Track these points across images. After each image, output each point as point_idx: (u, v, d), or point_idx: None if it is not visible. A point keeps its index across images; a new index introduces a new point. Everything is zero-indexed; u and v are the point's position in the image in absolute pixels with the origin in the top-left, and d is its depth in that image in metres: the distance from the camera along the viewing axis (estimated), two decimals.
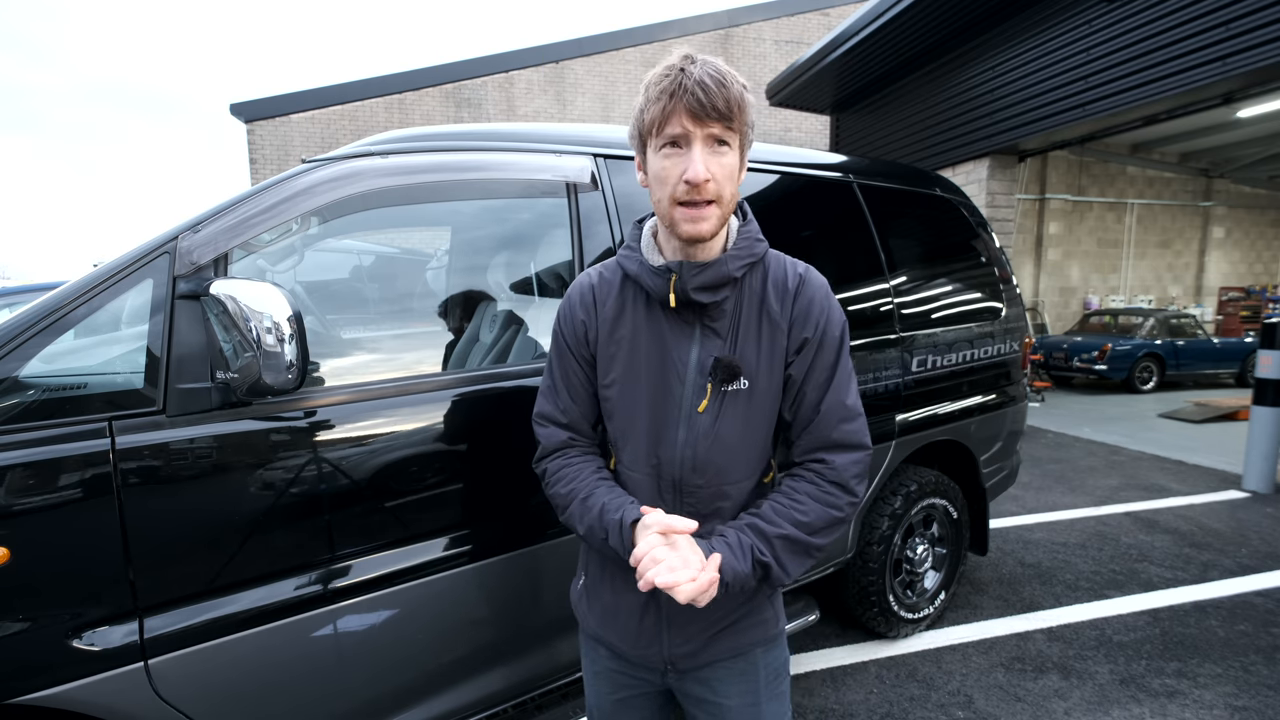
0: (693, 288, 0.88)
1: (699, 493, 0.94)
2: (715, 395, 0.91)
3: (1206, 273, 12.23)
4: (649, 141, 0.87)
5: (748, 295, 0.93)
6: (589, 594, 1.07)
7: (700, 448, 0.92)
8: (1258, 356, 4.53)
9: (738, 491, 0.95)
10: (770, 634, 1.03)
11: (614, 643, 1.03)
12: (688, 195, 0.83)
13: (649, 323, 0.94)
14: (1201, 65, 4.55)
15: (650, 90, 0.84)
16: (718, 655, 0.99)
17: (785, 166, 2.08)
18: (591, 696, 1.12)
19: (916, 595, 2.56)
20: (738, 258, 0.90)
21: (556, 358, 1.02)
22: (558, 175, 1.60)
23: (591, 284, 1.00)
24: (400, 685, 1.36)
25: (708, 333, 0.92)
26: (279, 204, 1.27)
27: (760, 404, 0.93)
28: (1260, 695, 2.18)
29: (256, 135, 11.19)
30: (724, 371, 0.90)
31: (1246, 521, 3.88)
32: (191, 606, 1.14)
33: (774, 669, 1.04)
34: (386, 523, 1.32)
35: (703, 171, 0.81)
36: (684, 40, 12.50)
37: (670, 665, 0.99)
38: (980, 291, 2.69)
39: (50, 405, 1.06)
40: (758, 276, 0.94)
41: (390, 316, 1.80)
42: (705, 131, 0.81)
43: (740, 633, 0.99)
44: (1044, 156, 10.01)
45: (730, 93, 0.81)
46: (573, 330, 0.99)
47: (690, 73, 0.80)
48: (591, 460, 1.02)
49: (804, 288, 0.93)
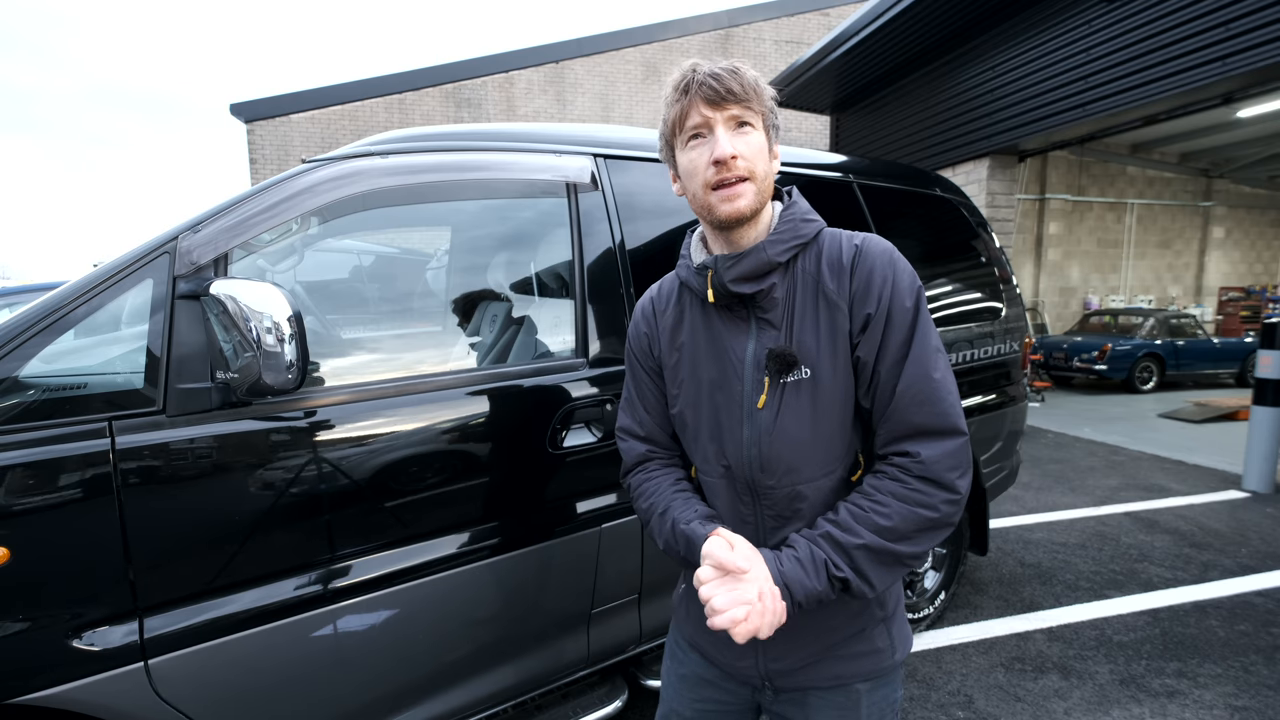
0: (730, 280, 0.86)
1: (772, 494, 0.88)
2: (774, 389, 0.86)
3: (1206, 273, 12.23)
4: (675, 142, 0.87)
5: (801, 279, 0.87)
6: (689, 599, 1.02)
7: (764, 445, 0.86)
8: (1258, 356, 4.52)
9: (814, 491, 0.87)
10: (880, 666, 0.92)
11: (709, 650, 0.98)
12: (718, 175, 0.82)
13: (704, 324, 0.93)
14: (1201, 65, 4.55)
15: (667, 96, 0.86)
16: (815, 681, 0.91)
17: (785, 166, 2.09)
18: (672, 700, 1.05)
19: (916, 595, 2.56)
20: (779, 241, 0.86)
21: (629, 372, 1.05)
22: (558, 175, 1.60)
23: (652, 297, 1.03)
24: (400, 685, 1.36)
25: (763, 325, 0.88)
26: (279, 204, 1.27)
27: (829, 393, 0.85)
28: (1260, 695, 2.18)
29: (256, 135, 11.19)
30: (778, 362, 0.85)
31: (1246, 521, 3.88)
32: (191, 606, 1.14)
33: (880, 710, 0.93)
34: (386, 522, 1.32)
35: (728, 148, 0.81)
36: (684, 40, 12.54)
37: (767, 681, 0.93)
38: (980, 291, 2.69)
39: (50, 405, 1.06)
40: (811, 258, 0.88)
41: (390, 316, 1.79)
42: (725, 114, 0.82)
43: (843, 660, 0.91)
44: (1044, 156, 10.01)
45: (743, 77, 0.82)
46: (638, 343, 1.02)
47: (701, 68, 0.83)
48: (671, 472, 1.01)
49: (861, 259, 0.85)
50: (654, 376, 1.00)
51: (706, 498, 0.95)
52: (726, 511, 0.93)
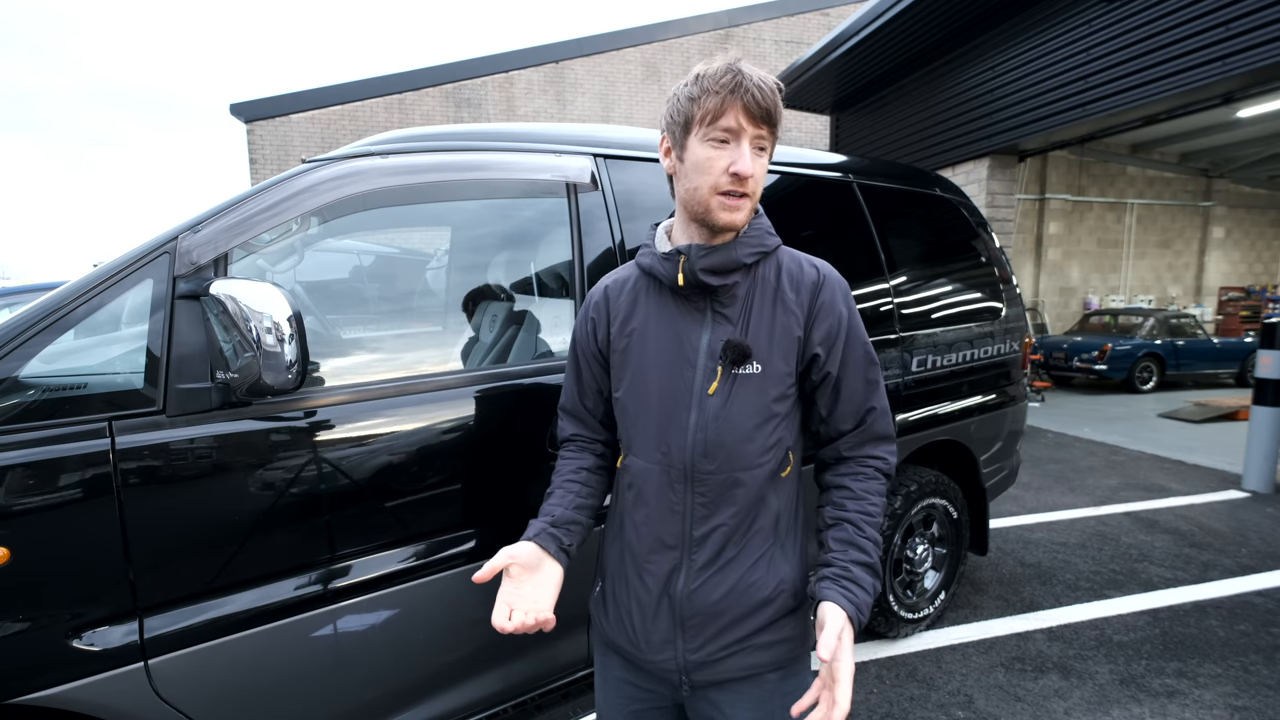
0: (700, 268, 0.91)
1: (710, 479, 0.92)
2: (726, 377, 0.92)
3: (1206, 273, 12.22)
4: (695, 129, 0.88)
5: (760, 283, 0.95)
6: (605, 597, 1.05)
7: (711, 430, 0.91)
8: (1258, 356, 4.52)
9: (751, 479, 0.93)
10: (792, 655, 0.97)
11: (626, 648, 1.00)
12: (731, 186, 0.87)
13: (660, 311, 0.97)
14: (1201, 65, 4.55)
15: (707, 82, 0.86)
16: (730, 673, 0.94)
17: (785, 166, 2.09)
18: (603, 707, 1.08)
19: (916, 595, 2.56)
20: (747, 245, 0.93)
21: (571, 357, 1.09)
22: (558, 175, 1.60)
23: (605, 285, 1.06)
24: (400, 685, 1.36)
25: (719, 318, 0.94)
26: (279, 204, 1.27)
27: (773, 390, 0.93)
28: (1260, 695, 2.18)
29: (256, 135, 11.19)
30: (734, 353, 0.91)
31: (1246, 521, 3.88)
32: (191, 606, 1.13)
33: (792, 699, 0.96)
34: (386, 522, 1.32)
35: (750, 167, 0.86)
36: (684, 40, 12.54)
37: (685, 675, 0.95)
38: (980, 291, 2.69)
39: (50, 405, 1.06)
40: (771, 268, 0.96)
41: (390, 316, 1.79)
42: (755, 131, 0.86)
43: (756, 650, 0.94)
44: (1044, 156, 10.01)
45: (779, 100, 0.86)
46: (583, 329, 1.06)
47: (749, 75, 0.84)
48: (580, 458, 1.07)
49: (825, 284, 0.96)
50: (594, 364, 1.05)
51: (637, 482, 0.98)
52: (655, 500, 0.95)
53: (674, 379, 0.94)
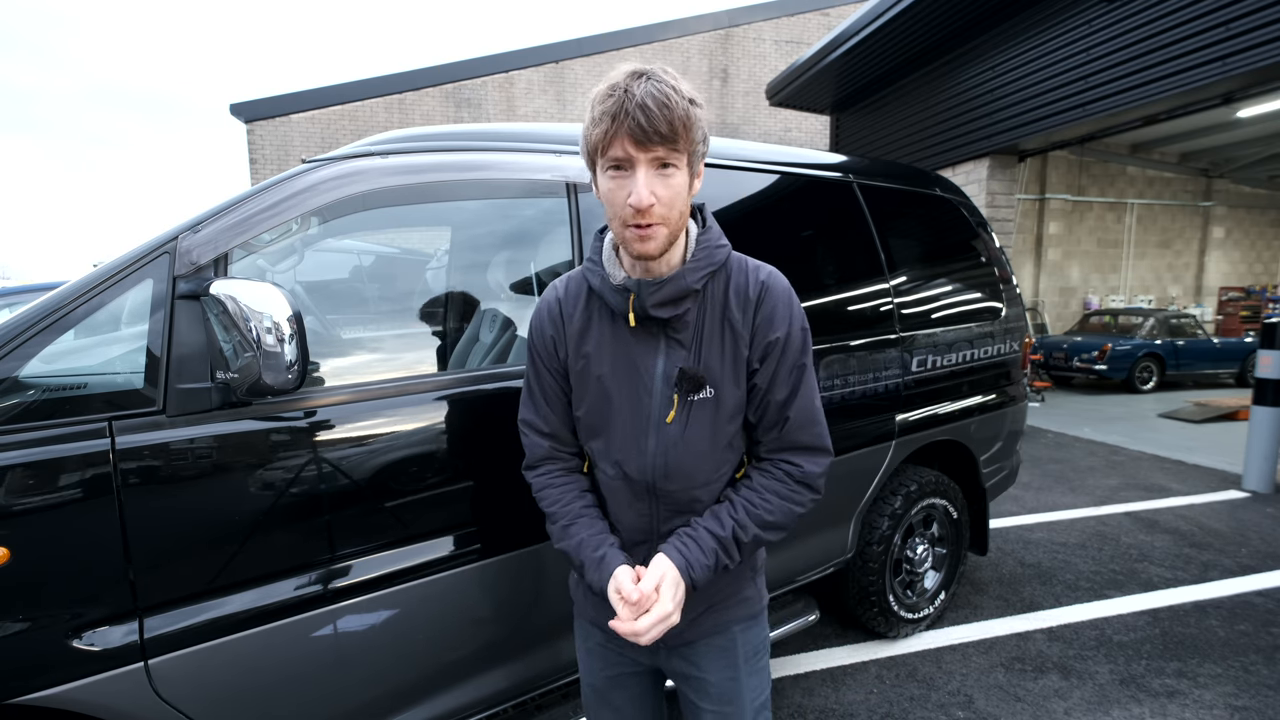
0: (651, 305, 0.90)
1: (672, 495, 0.98)
2: (682, 405, 0.94)
3: (1206, 273, 12.22)
4: (597, 160, 0.86)
5: (710, 304, 0.95)
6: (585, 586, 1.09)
7: (671, 455, 0.95)
8: (1258, 356, 4.52)
9: (708, 494, 0.99)
10: (751, 611, 1.07)
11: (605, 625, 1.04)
12: (633, 219, 0.83)
13: (614, 336, 0.96)
14: (1201, 65, 4.55)
15: (594, 109, 0.82)
16: (700, 634, 1.04)
17: (785, 166, 2.08)
18: (585, 674, 1.15)
19: (916, 595, 2.56)
20: (696, 269, 0.92)
21: (531, 368, 1.05)
22: (558, 175, 1.60)
23: (558, 297, 1.02)
24: (401, 685, 1.36)
25: (672, 344, 0.94)
26: (279, 204, 1.27)
27: (726, 411, 0.96)
28: (1260, 695, 2.18)
29: (256, 135, 11.19)
30: (689, 383, 0.93)
31: (1246, 521, 3.88)
32: (191, 606, 1.13)
33: (753, 646, 1.08)
34: (386, 522, 1.32)
35: (646, 197, 0.81)
36: (684, 40, 12.54)
37: (663, 642, 1.03)
38: (980, 291, 2.69)
39: (50, 405, 1.06)
40: (720, 284, 0.95)
41: (390, 316, 1.79)
42: (649, 156, 0.81)
43: (722, 611, 1.04)
44: (1044, 156, 10.01)
45: (674, 114, 0.79)
46: (543, 344, 1.02)
47: (633, 94, 0.78)
48: (575, 481, 1.05)
49: (767, 296, 0.95)
50: (557, 377, 1.02)
51: (604, 494, 1.03)
52: (622, 506, 1.01)
53: (632, 404, 0.96)
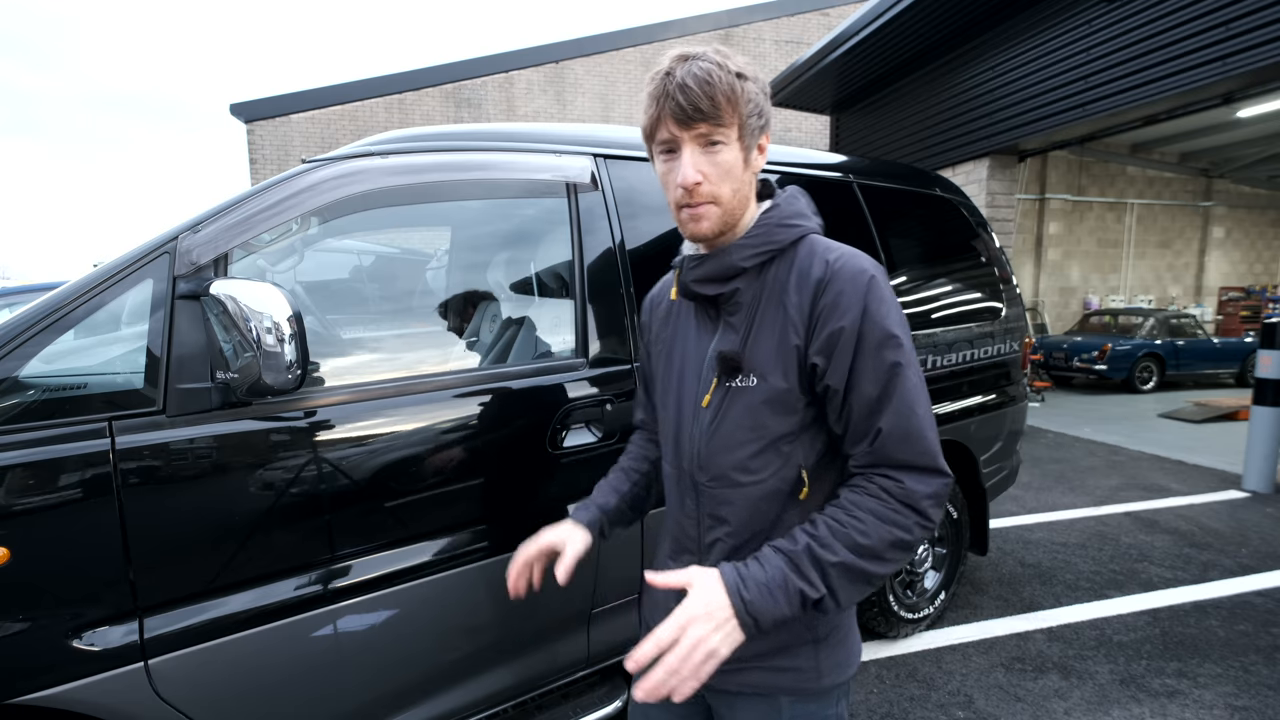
0: (691, 280, 0.89)
1: (708, 491, 0.89)
2: (720, 390, 0.87)
3: (1206, 273, 12.22)
4: (652, 148, 0.88)
5: (769, 287, 0.86)
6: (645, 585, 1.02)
7: (704, 443, 0.89)
8: (1258, 356, 4.52)
9: (740, 497, 0.87)
10: (800, 686, 0.89)
11: None
12: (683, 199, 0.83)
13: (684, 319, 0.97)
14: (1201, 65, 4.55)
15: (646, 94, 0.84)
16: (740, 686, 0.90)
17: (785, 166, 2.09)
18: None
19: (916, 595, 2.56)
20: (747, 247, 0.85)
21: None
22: (558, 175, 1.60)
23: (653, 290, 1.11)
24: (400, 685, 1.36)
25: (728, 327, 0.88)
26: (279, 204, 1.27)
27: (772, 404, 0.83)
28: (1260, 695, 2.18)
29: (256, 135, 11.19)
30: (724, 364, 0.86)
31: (1246, 521, 3.88)
32: (191, 606, 1.13)
33: None
34: (386, 523, 1.32)
35: (692, 175, 0.80)
36: (684, 40, 12.53)
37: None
38: (980, 291, 2.69)
39: (50, 405, 1.06)
40: (785, 266, 0.85)
41: (390, 316, 1.80)
42: (693, 134, 0.80)
43: (765, 672, 0.89)
44: (1044, 156, 10.01)
45: (716, 89, 0.77)
46: (643, 332, 1.12)
47: (674, 75, 0.78)
48: (638, 447, 1.17)
49: (833, 280, 0.80)
50: (646, 360, 1.12)
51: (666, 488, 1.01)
52: (675, 504, 0.97)
53: (680, 387, 0.94)
